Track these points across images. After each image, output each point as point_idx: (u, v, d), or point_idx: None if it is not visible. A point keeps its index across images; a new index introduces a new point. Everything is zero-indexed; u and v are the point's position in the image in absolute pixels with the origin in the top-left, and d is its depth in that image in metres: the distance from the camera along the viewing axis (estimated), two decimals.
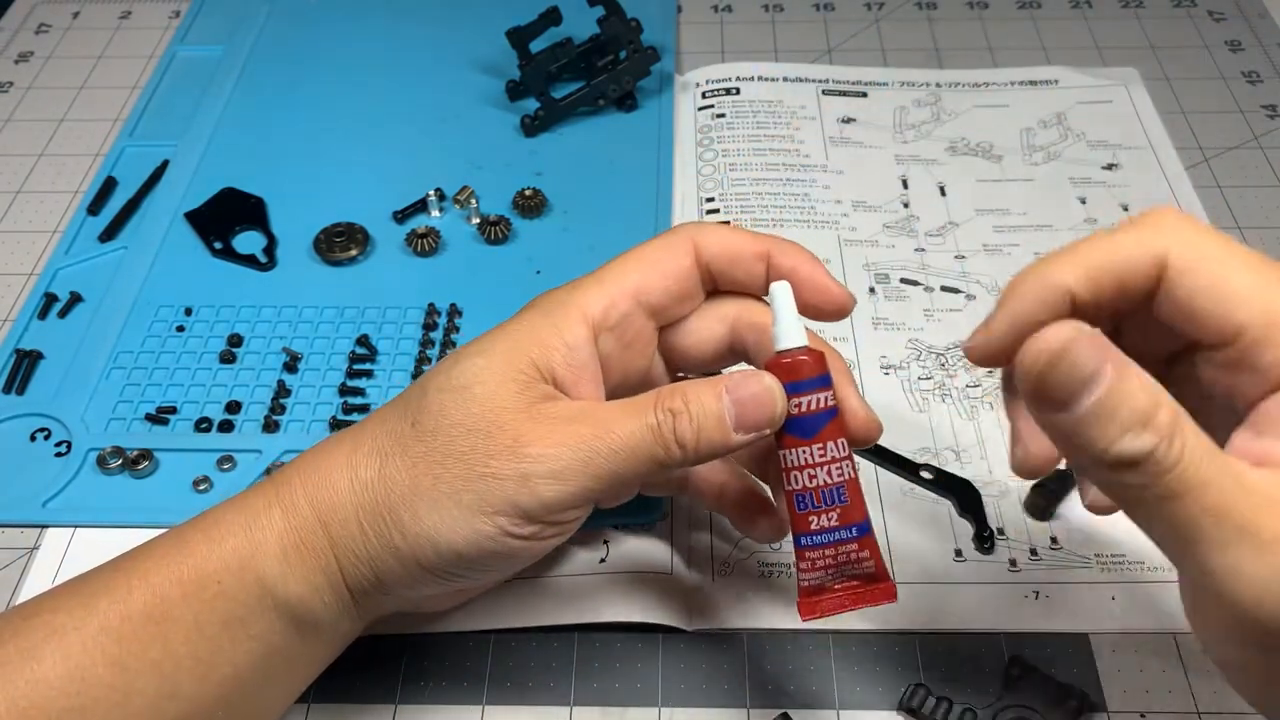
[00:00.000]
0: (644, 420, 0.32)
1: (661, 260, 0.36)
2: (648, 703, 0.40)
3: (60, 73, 0.69)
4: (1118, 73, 0.66)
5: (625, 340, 0.36)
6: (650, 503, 0.45)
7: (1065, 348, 0.26)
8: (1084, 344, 0.26)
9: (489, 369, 0.34)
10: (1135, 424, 0.25)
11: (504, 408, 0.33)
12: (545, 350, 0.34)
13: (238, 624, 0.33)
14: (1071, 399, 0.26)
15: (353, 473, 0.34)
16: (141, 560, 0.34)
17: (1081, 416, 0.26)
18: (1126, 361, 0.26)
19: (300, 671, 0.36)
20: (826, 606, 0.34)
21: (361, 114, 0.64)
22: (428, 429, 0.33)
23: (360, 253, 0.56)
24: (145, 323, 0.53)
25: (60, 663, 0.31)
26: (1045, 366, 0.26)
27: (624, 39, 0.62)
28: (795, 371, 0.33)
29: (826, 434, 0.33)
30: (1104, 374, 0.25)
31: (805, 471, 0.33)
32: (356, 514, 0.34)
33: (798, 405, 0.33)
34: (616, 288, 0.35)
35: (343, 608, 0.35)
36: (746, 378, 0.33)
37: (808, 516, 0.33)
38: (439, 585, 0.35)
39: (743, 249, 0.36)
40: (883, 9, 0.72)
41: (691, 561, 0.44)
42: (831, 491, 0.33)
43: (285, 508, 0.34)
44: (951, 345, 0.51)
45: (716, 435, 0.32)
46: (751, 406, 0.32)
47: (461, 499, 0.32)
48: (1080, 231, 0.56)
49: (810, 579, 0.34)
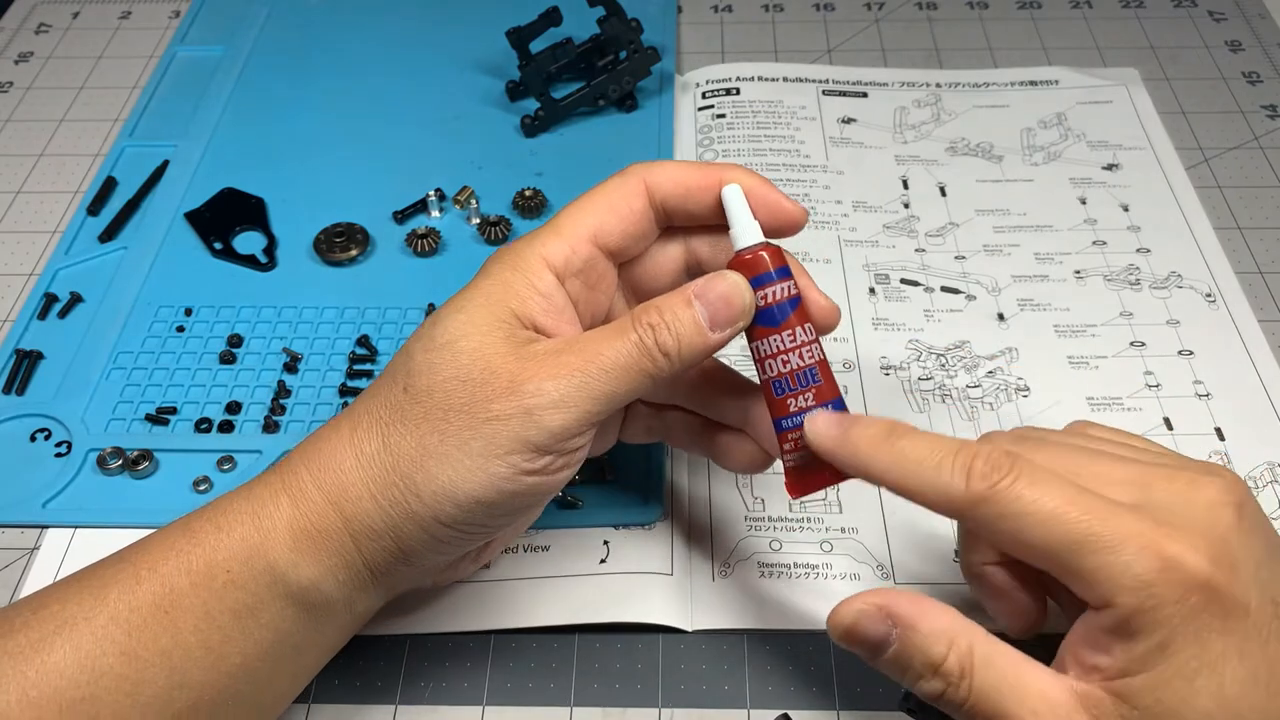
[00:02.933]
0: (628, 338, 0.34)
1: (616, 203, 0.36)
2: (648, 703, 0.40)
3: (60, 73, 0.69)
4: (1118, 73, 0.66)
5: (590, 283, 0.37)
6: (650, 502, 0.45)
7: (853, 625, 0.32)
8: (868, 618, 0.32)
9: (472, 322, 0.34)
10: (926, 673, 0.32)
11: (494, 354, 0.33)
12: (522, 300, 0.34)
13: (248, 613, 0.33)
14: (872, 656, 0.33)
15: (356, 449, 0.34)
16: (149, 551, 0.34)
17: (883, 668, 0.33)
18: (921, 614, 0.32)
19: (312, 657, 0.37)
20: (812, 483, 0.36)
21: (361, 114, 0.64)
22: (422, 390, 0.34)
23: (360, 253, 0.56)
24: (145, 323, 0.53)
25: (70, 653, 0.32)
26: (840, 639, 0.33)
27: (624, 39, 0.62)
28: (757, 266, 0.35)
29: (793, 320, 0.35)
30: (890, 639, 0.32)
31: (779, 358, 0.35)
32: (368, 489, 0.34)
33: (763, 297, 0.35)
34: (575, 235, 0.36)
35: (359, 587, 0.35)
36: (712, 279, 0.35)
37: (785, 400, 0.35)
38: (460, 543, 0.35)
39: (692, 182, 0.36)
40: (883, 9, 0.72)
41: (691, 561, 0.44)
42: (805, 373, 0.35)
43: (293, 495, 0.34)
44: (952, 345, 0.51)
45: (696, 338, 0.34)
46: (721, 305, 0.34)
47: (471, 447, 0.33)
48: (1080, 232, 0.57)
49: (794, 459, 0.36)
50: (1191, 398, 0.49)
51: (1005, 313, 0.53)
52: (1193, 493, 0.30)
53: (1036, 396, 0.49)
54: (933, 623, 0.32)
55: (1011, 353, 0.51)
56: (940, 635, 0.31)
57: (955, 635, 0.31)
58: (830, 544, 0.44)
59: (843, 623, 0.33)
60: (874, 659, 0.33)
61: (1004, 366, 0.50)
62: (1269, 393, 0.49)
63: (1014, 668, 0.31)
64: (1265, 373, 0.50)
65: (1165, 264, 0.55)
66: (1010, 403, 0.49)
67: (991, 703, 0.31)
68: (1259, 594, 0.29)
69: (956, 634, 0.31)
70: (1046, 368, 0.50)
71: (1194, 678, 0.29)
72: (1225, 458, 0.47)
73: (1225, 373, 0.50)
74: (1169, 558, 0.29)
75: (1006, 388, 0.50)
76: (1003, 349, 0.51)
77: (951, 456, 0.32)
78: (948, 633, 0.31)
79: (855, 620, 0.33)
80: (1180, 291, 0.53)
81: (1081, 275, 0.54)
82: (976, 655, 0.31)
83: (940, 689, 0.31)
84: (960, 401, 0.49)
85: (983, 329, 0.52)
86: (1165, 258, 0.55)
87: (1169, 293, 0.53)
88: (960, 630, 0.32)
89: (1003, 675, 0.31)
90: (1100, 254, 0.55)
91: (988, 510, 0.31)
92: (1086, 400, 0.49)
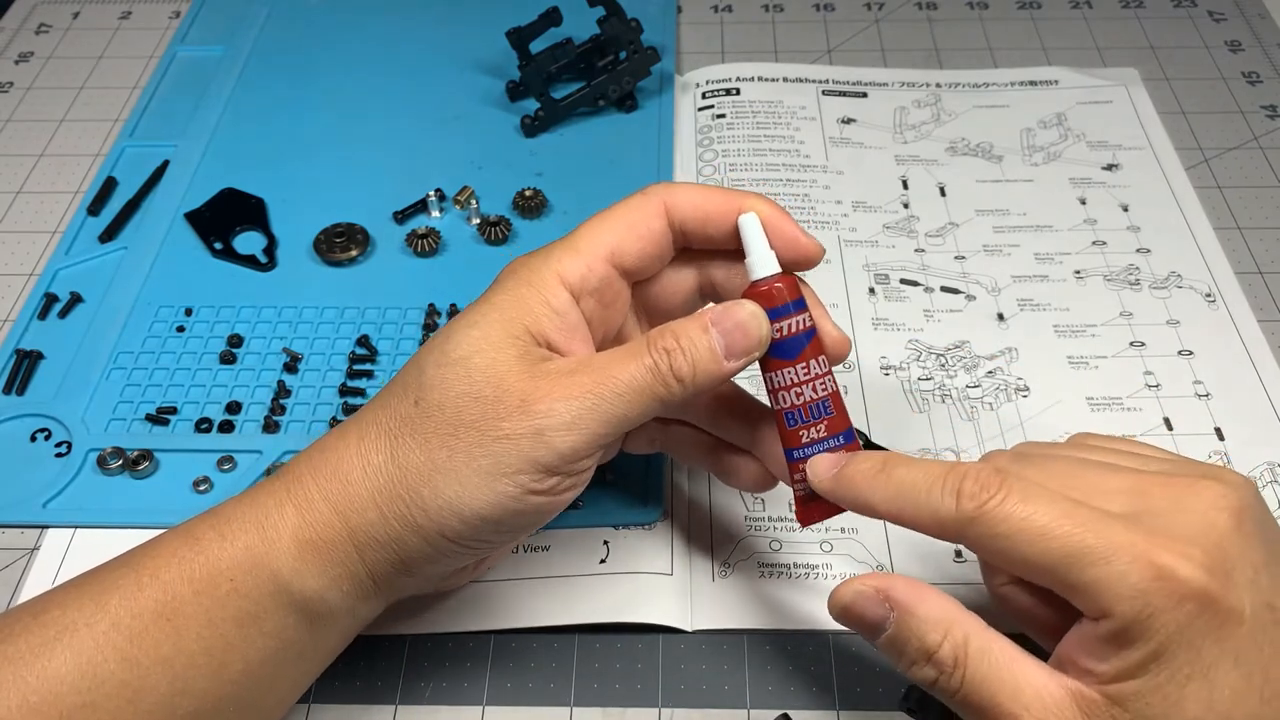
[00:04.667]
0: (642, 362, 0.33)
1: (635, 223, 0.36)
2: (648, 703, 0.40)
3: (60, 73, 0.69)
4: (1118, 73, 0.66)
5: (604, 302, 0.36)
6: (650, 503, 0.45)
7: (851, 604, 0.33)
8: (865, 599, 0.33)
9: (485, 338, 0.34)
10: (920, 659, 0.32)
11: (506, 372, 0.33)
12: (536, 317, 0.34)
13: (250, 621, 0.33)
14: (869, 637, 0.34)
15: (364, 460, 0.34)
16: (152, 556, 0.34)
17: (880, 649, 0.33)
18: (919, 600, 0.32)
19: (313, 662, 0.36)
20: (821, 512, 0.36)
21: (361, 114, 0.64)
22: (434, 404, 0.33)
23: (360, 253, 0.56)
24: (145, 323, 0.53)
25: (72, 659, 0.31)
26: (838, 617, 0.34)
27: (624, 39, 0.62)
28: (774, 298, 0.35)
29: (808, 353, 0.35)
30: (887, 622, 0.33)
31: (793, 390, 0.35)
32: (374, 500, 0.34)
33: (779, 329, 0.35)
34: (592, 253, 0.36)
35: (362, 596, 0.35)
36: (730, 308, 0.35)
37: (798, 431, 0.36)
38: (462, 556, 0.35)
39: (713, 207, 0.36)
40: (883, 9, 0.72)
41: (692, 561, 0.44)
42: (818, 405, 0.35)
43: (298, 503, 0.34)
44: (952, 345, 0.51)
45: (711, 366, 0.34)
46: (738, 334, 0.34)
47: (480, 465, 0.33)
48: (1080, 232, 0.57)
49: (804, 488, 0.36)
50: (1191, 398, 0.49)
51: (1005, 313, 0.53)
52: (1189, 498, 0.30)
53: (1036, 396, 0.49)
54: (930, 610, 0.32)
55: (1011, 353, 0.51)
56: (936, 623, 0.32)
57: (951, 624, 0.32)
58: (830, 544, 0.44)
59: (841, 601, 0.34)
60: (871, 639, 0.34)
61: (1004, 366, 0.50)
62: (1269, 393, 0.49)
63: (1010, 662, 0.31)
64: (1265, 373, 0.50)
65: (1165, 264, 0.55)
66: (1010, 403, 0.49)
67: (984, 694, 0.31)
68: (1255, 599, 0.29)
69: (952, 623, 0.32)
70: (1046, 368, 0.50)
71: (1186, 684, 0.29)
72: (1225, 458, 0.47)
73: (1225, 373, 0.50)
74: (1161, 567, 0.29)
75: (1006, 388, 0.50)
76: (1002, 349, 0.51)
77: (941, 480, 0.32)
78: (944, 621, 0.32)
79: (853, 600, 0.33)
80: (1180, 292, 0.53)
81: (1081, 275, 0.54)
82: (971, 646, 0.31)
83: (933, 676, 0.32)
84: (960, 401, 0.49)
85: (982, 329, 0.52)
86: (1165, 258, 0.55)
87: (1169, 293, 0.53)
88: (957, 620, 0.32)
89: (997, 668, 0.31)
90: (1100, 254, 0.55)
91: (979, 530, 0.31)
92: (1086, 400, 0.49)
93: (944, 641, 0.32)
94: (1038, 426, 0.48)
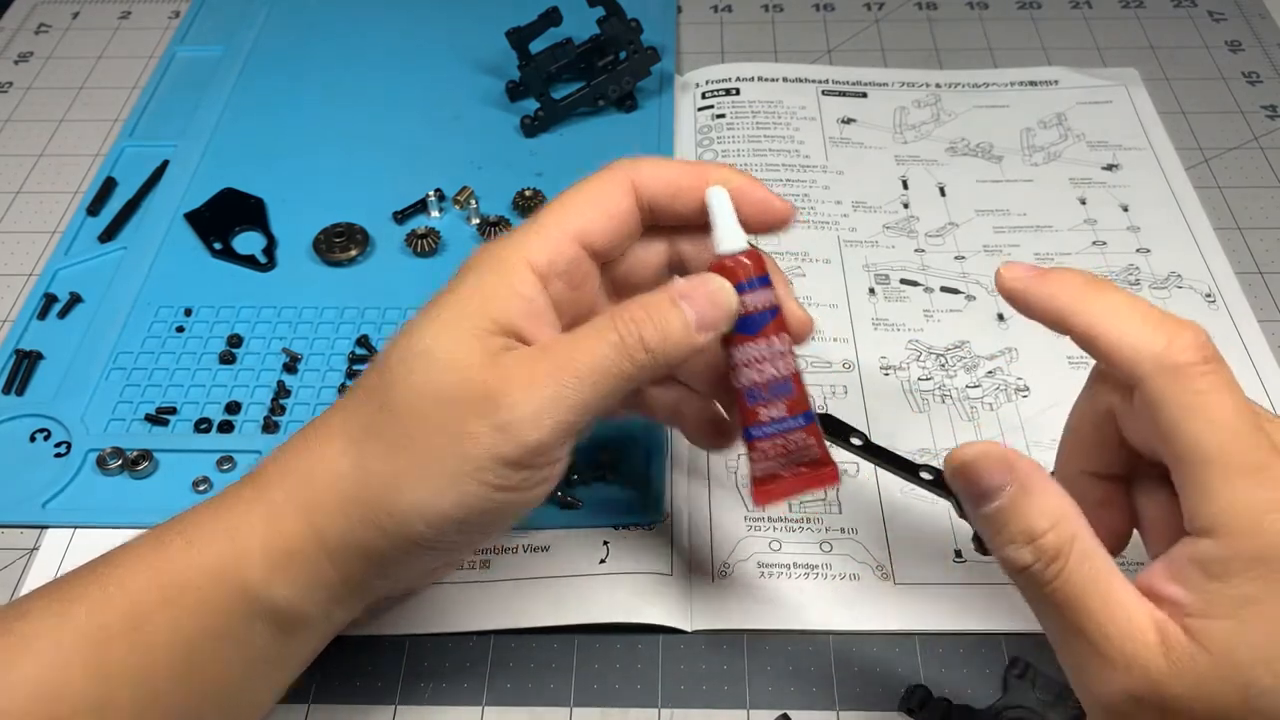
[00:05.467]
0: (606, 339, 0.33)
1: (602, 202, 0.35)
2: (648, 703, 0.40)
3: (60, 73, 0.69)
4: (1118, 73, 0.66)
5: (573, 284, 0.36)
6: (650, 503, 0.45)
7: (974, 461, 0.30)
8: (990, 460, 0.30)
9: (446, 330, 0.33)
10: (1021, 540, 0.29)
11: (469, 364, 0.32)
12: (502, 304, 0.33)
13: (220, 632, 0.33)
14: (977, 503, 0.31)
15: (330, 465, 0.33)
16: (118, 566, 0.33)
17: (981, 519, 0.31)
18: (1037, 483, 0.30)
19: (287, 669, 0.36)
20: (778, 491, 0.36)
21: (361, 114, 0.64)
22: (398, 407, 0.33)
23: (360, 253, 0.56)
24: (145, 323, 0.53)
25: (37, 672, 0.31)
26: (954, 472, 0.31)
27: (624, 39, 0.62)
28: (739, 272, 0.34)
29: (770, 330, 0.35)
30: (1003, 491, 0.30)
31: (754, 367, 0.35)
32: (341, 505, 0.33)
33: (743, 304, 0.34)
34: (560, 235, 0.35)
35: (335, 601, 0.34)
36: (697, 281, 0.34)
37: (757, 409, 0.35)
38: (434, 557, 0.35)
39: (682, 182, 0.36)
40: (883, 9, 0.72)
41: (691, 562, 0.44)
42: (778, 384, 0.35)
43: (266, 510, 0.33)
44: (952, 345, 0.51)
45: (682, 337, 0.33)
46: (708, 306, 0.33)
47: (445, 466, 0.32)
48: (1080, 232, 0.56)
49: (762, 468, 0.36)
50: None
51: (1005, 313, 0.53)
52: None
53: (1036, 397, 0.49)
54: (1047, 496, 0.30)
55: (1011, 353, 0.51)
56: (1049, 511, 0.30)
57: (1063, 518, 0.30)
58: (830, 544, 0.44)
59: (963, 457, 0.31)
60: (975, 507, 0.31)
61: (1004, 367, 0.50)
62: (1269, 393, 0.49)
63: (1108, 574, 0.29)
64: (1265, 373, 0.50)
65: (1165, 264, 0.55)
66: (1010, 403, 0.49)
67: (1075, 596, 0.29)
68: None
69: (1065, 517, 0.30)
70: (1046, 368, 0.50)
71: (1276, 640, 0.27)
72: None
73: None
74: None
75: (1006, 388, 0.50)
76: (1002, 349, 0.51)
77: (1159, 317, 0.30)
78: (1056, 512, 0.30)
79: (975, 459, 0.30)
80: (1180, 292, 0.53)
81: None
82: (1077, 546, 0.29)
83: (1029, 561, 0.29)
84: (960, 402, 0.49)
85: (982, 329, 0.52)
86: (1165, 258, 0.55)
87: (1169, 293, 0.53)
88: (1070, 515, 0.30)
89: (1095, 575, 0.29)
90: (1100, 254, 0.55)
91: (1170, 384, 0.29)
92: None
93: (1050, 531, 0.29)
94: (1038, 426, 0.48)
